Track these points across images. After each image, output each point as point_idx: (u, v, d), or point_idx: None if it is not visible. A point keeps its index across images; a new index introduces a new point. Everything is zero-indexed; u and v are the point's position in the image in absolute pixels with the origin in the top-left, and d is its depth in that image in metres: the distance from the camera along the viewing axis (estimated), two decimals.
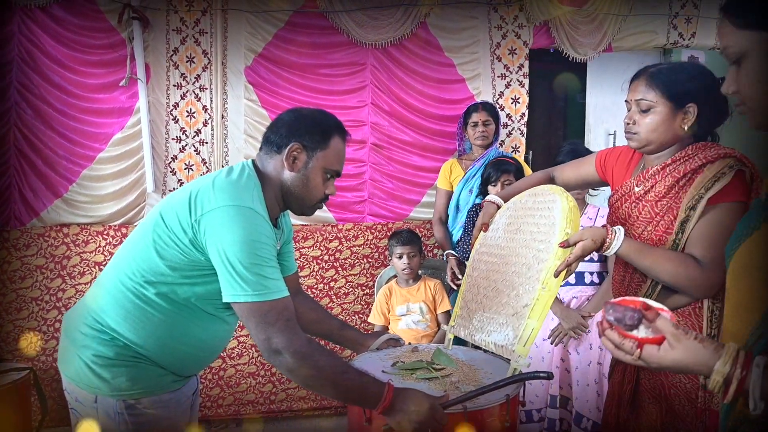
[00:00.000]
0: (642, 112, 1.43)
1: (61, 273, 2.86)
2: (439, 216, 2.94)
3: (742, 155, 1.39)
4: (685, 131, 1.42)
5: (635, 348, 0.93)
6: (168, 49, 2.87)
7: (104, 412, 1.33)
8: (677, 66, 1.47)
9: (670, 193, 1.43)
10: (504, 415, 1.34)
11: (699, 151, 1.41)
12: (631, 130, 1.47)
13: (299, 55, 2.97)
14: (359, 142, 3.10)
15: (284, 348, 1.24)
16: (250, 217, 1.28)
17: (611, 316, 0.95)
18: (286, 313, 1.27)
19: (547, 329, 2.37)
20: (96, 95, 2.80)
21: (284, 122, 1.45)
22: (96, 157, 2.82)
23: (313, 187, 1.43)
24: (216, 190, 1.31)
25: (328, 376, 1.26)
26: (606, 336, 0.97)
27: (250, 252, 1.25)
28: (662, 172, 1.45)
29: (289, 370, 1.26)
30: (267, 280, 1.26)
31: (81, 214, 2.84)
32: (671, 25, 3.26)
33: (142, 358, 1.35)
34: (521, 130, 3.22)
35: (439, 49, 3.09)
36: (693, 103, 1.40)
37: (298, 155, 1.40)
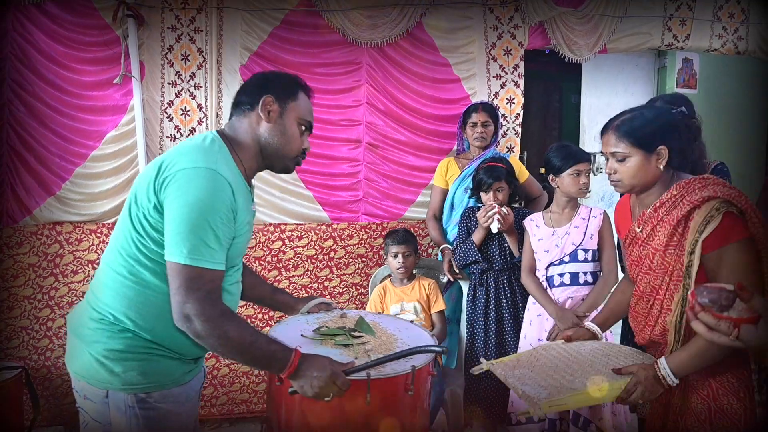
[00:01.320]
0: (619, 162, 1.54)
1: (54, 271, 2.84)
2: (434, 213, 2.95)
3: (726, 192, 1.41)
4: (662, 170, 1.52)
5: (732, 328, 0.92)
6: (163, 47, 2.86)
7: (115, 407, 1.35)
8: (639, 113, 1.55)
9: (672, 242, 1.50)
10: (408, 384, 1.39)
11: (685, 193, 1.48)
12: (613, 179, 1.58)
13: (295, 54, 2.97)
14: (354, 141, 3.10)
15: (195, 315, 1.27)
16: (210, 178, 1.30)
17: (705, 298, 0.95)
18: (210, 285, 1.30)
19: (543, 330, 2.37)
20: (90, 93, 2.79)
21: (252, 83, 1.52)
22: (89, 154, 2.80)
23: (291, 136, 1.48)
24: (178, 155, 1.35)
25: (235, 346, 1.30)
26: (699, 319, 0.97)
27: (199, 215, 1.27)
28: (656, 214, 1.53)
29: (197, 336, 1.29)
30: (206, 247, 1.28)
31: (74, 212, 2.82)
32: (666, 26, 3.28)
33: (152, 348, 1.36)
34: (516, 130, 3.23)
35: (434, 49, 3.09)
36: (662, 144, 1.50)
37: (272, 106, 1.46)
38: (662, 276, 1.52)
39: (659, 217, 1.51)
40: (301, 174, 3.05)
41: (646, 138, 1.50)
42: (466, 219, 2.72)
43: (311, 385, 1.33)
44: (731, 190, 1.42)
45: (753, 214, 1.39)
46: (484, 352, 2.59)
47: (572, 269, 2.35)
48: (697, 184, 1.48)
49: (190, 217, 1.26)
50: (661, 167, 1.51)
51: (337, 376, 1.33)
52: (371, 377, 1.35)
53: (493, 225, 2.49)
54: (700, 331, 0.97)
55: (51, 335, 2.86)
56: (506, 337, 2.60)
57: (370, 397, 1.34)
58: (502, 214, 2.47)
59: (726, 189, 1.43)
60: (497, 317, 2.59)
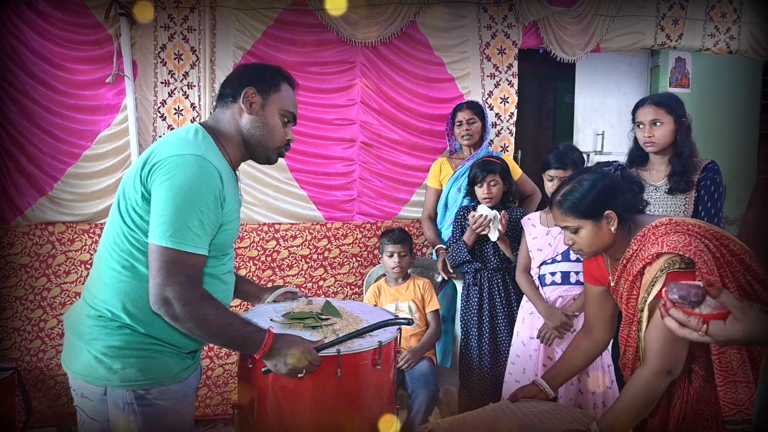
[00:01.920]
0: (573, 233, 1.59)
1: (46, 272, 2.82)
2: (429, 214, 2.95)
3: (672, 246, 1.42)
4: (614, 231, 1.55)
5: (702, 324, 0.96)
6: (156, 46, 2.84)
7: (113, 404, 1.35)
8: (577, 185, 1.59)
9: (632, 295, 1.56)
10: (376, 359, 1.47)
11: (642, 246, 1.51)
12: (574, 249, 1.63)
13: (288, 53, 2.96)
14: (348, 140, 3.09)
15: (175, 299, 1.28)
16: (196, 164, 1.31)
17: (675, 295, 0.97)
18: (191, 270, 1.30)
19: (534, 328, 2.38)
20: (82, 92, 2.77)
21: (235, 75, 1.53)
22: (82, 154, 2.79)
23: (273, 128, 1.50)
24: (164, 145, 1.37)
25: (213, 328, 1.32)
26: (670, 315, 1.00)
27: (184, 199, 1.28)
28: (624, 269, 1.57)
29: (174, 319, 1.30)
30: (189, 231, 1.28)
31: (66, 212, 2.80)
32: (658, 26, 3.29)
33: (151, 344, 1.36)
34: (510, 129, 3.23)
35: (428, 48, 3.09)
36: (607, 209, 1.54)
37: (254, 98, 1.47)
38: (628, 326, 1.59)
39: (626, 271, 1.56)
40: (295, 173, 3.04)
41: (590, 208, 1.54)
42: (460, 218, 2.72)
43: (284, 362, 1.36)
44: (682, 239, 1.41)
45: (702, 264, 1.37)
46: (479, 351, 2.59)
47: (564, 268, 2.35)
48: (651, 236, 1.50)
49: (175, 201, 1.27)
50: (613, 229, 1.55)
51: (308, 352, 1.38)
52: (341, 353, 1.41)
53: (491, 234, 2.48)
54: (672, 328, 1.00)
55: (43, 336, 2.84)
56: (500, 336, 2.60)
57: (340, 372, 1.41)
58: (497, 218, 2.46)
59: (677, 239, 1.42)
60: (491, 316, 2.59)
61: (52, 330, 2.84)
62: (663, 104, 2.23)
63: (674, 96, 2.30)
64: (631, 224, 1.59)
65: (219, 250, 1.42)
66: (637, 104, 2.36)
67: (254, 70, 1.53)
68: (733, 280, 1.37)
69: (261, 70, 1.53)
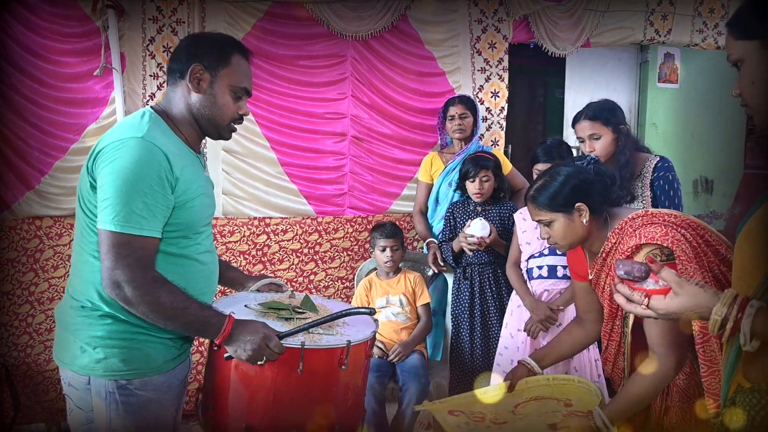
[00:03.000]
0: (547, 226, 1.61)
1: (34, 266, 2.80)
2: (420, 208, 2.96)
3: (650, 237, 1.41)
4: (586, 224, 1.56)
5: (644, 298, 1.04)
6: (144, 39, 2.82)
7: (96, 393, 1.35)
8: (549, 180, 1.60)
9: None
10: (342, 359, 1.40)
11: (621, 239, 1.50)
12: (550, 242, 1.65)
13: (279, 46, 2.94)
14: (339, 134, 3.09)
15: (125, 282, 1.26)
16: (138, 146, 1.29)
17: (621, 270, 1.06)
18: (140, 252, 1.28)
19: (522, 320, 2.39)
20: (69, 85, 2.74)
21: (183, 48, 1.45)
22: (69, 148, 2.76)
23: (222, 106, 1.44)
24: (108, 134, 1.35)
25: (167, 311, 1.30)
26: (617, 290, 1.08)
27: (125, 182, 1.26)
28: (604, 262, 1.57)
29: (127, 303, 1.28)
30: (133, 214, 1.27)
31: (54, 207, 2.77)
32: (648, 21, 3.31)
33: (135, 332, 1.36)
34: (501, 124, 3.24)
35: (419, 42, 3.09)
36: (578, 202, 1.55)
37: (201, 75, 1.41)
38: (611, 321, 1.60)
39: (605, 265, 1.56)
40: (286, 167, 3.03)
41: (561, 202, 1.56)
42: (450, 215, 2.73)
43: (244, 348, 1.34)
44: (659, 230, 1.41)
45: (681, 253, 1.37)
46: (470, 344, 2.61)
47: (550, 262, 2.37)
48: (628, 228, 1.50)
49: (116, 185, 1.26)
50: (585, 221, 1.56)
51: (269, 339, 1.34)
52: (305, 347, 1.37)
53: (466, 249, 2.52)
54: (620, 303, 1.09)
55: (31, 332, 2.81)
56: (491, 330, 2.61)
57: (303, 366, 1.36)
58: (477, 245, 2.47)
59: (654, 230, 1.42)
60: (482, 309, 2.61)
61: (40, 325, 2.82)
62: (597, 117, 2.20)
63: (609, 104, 2.25)
64: (607, 216, 1.60)
65: (189, 229, 1.40)
66: (574, 119, 2.32)
67: (201, 43, 1.44)
68: (708, 270, 1.38)
69: (209, 43, 1.44)
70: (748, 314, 0.93)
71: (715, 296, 0.98)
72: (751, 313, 0.92)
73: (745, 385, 1.02)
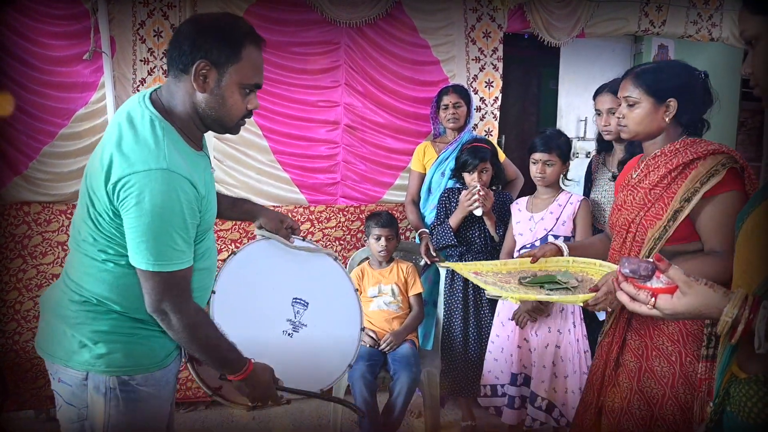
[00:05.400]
0: (629, 107, 1.61)
1: (22, 253, 2.76)
2: (412, 197, 2.95)
3: (731, 150, 1.51)
4: (667, 122, 1.58)
5: (650, 297, 1.00)
6: (134, 23, 2.76)
7: (95, 389, 1.31)
8: (659, 65, 1.65)
9: (662, 183, 1.56)
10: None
11: (689, 146, 1.55)
12: (621, 123, 1.66)
13: (272, 32, 2.90)
14: (332, 123, 3.06)
15: (172, 312, 1.29)
16: (166, 180, 1.20)
17: (626, 269, 1.02)
18: (183, 282, 1.30)
19: (511, 309, 2.40)
20: (58, 68, 2.68)
21: (186, 35, 1.26)
22: (58, 133, 2.71)
23: (232, 105, 1.31)
24: (125, 154, 1.21)
25: (201, 345, 1.35)
26: (621, 289, 1.04)
27: (159, 222, 1.21)
28: (655, 161, 1.59)
29: (169, 328, 1.32)
30: (173, 251, 1.25)
31: (42, 192, 2.73)
32: (642, 12, 3.30)
33: (139, 327, 1.34)
34: (494, 114, 3.23)
35: (414, 30, 3.06)
36: (673, 98, 1.56)
37: (208, 73, 1.26)
38: (638, 211, 1.60)
39: (657, 164, 1.59)
40: (278, 156, 3.01)
41: (659, 88, 1.56)
42: (445, 200, 2.72)
43: (251, 393, 1.44)
44: (734, 150, 1.52)
45: (751, 172, 1.49)
46: (463, 334, 2.61)
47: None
48: (703, 142, 1.56)
49: (150, 226, 1.20)
50: (667, 119, 1.57)
51: (273, 396, 1.48)
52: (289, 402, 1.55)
53: (477, 210, 2.49)
54: (623, 301, 1.05)
55: (19, 318, 2.78)
56: (483, 319, 2.62)
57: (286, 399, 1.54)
58: (483, 194, 2.47)
59: (730, 148, 1.52)
60: (475, 299, 2.61)
61: (28, 312, 2.78)
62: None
63: None
64: (683, 132, 1.61)
65: (201, 234, 1.39)
66: (596, 92, 2.42)
67: (208, 33, 1.25)
68: None
69: (216, 33, 1.25)
70: (762, 316, 0.89)
71: (725, 297, 0.94)
72: (764, 315, 0.89)
73: (740, 375, 1.01)
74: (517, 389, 2.37)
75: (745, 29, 1.00)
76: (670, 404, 1.51)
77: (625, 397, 1.59)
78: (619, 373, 1.62)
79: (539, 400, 2.31)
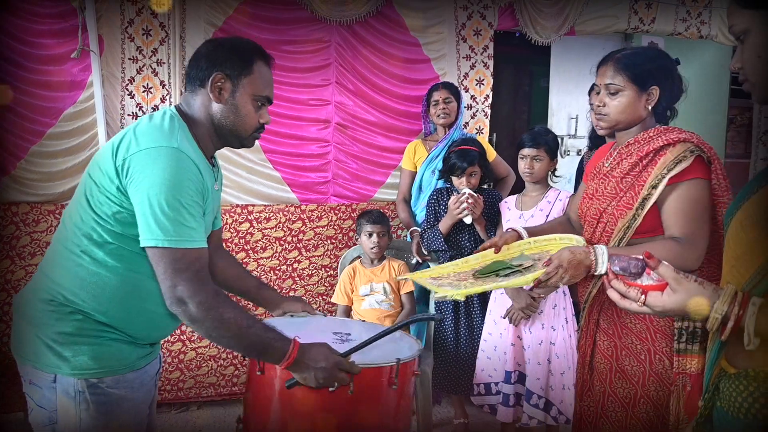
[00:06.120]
0: (611, 95, 1.54)
1: (10, 253, 2.73)
2: (403, 196, 2.95)
3: (700, 140, 1.49)
4: (649, 111, 1.54)
5: (640, 295, 1.00)
6: (122, 21, 2.74)
7: (64, 392, 1.28)
8: (640, 51, 1.60)
9: (633, 171, 1.53)
10: (392, 377, 1.36)
11: (661, 134, 1.51)
12: (601, 111, 1.57)
13: (262, 30, 2.89)
14: (323, 121, 3.05)
15: (189, 297, 1.23)
16: (175, 157, 1.24)
17: (616, 266, 1.02)
18: (197, 263, 1.26)
19: (504, 307, 2.41)
20: (45, 67, 2.66)
21: (203, 54, 1.39)
22: (46, 132, 2.68)
23: (245, 116, 1.39)
24: (138, 135, 1.28)
25: (231, 329, 1.26)
26: (612, 287, 1.04)
27: (171, 196, 1.22)
28: (627, 149, 1.56)
29: (192, 320, 1.25)
30: (183, 227, 1.23)
31: (31, 192, 2.71)
32: (632, 10, 3.32)
33: (106, 330, 1.31)
34: (485, 111, 3.23)
35: (404, 28, 3.06)
36: (655, 85, 1.52)
37: (223, 85, 1.36)
38: (609, 200, 1.57)
39: (629, 152, 1.55)
40: (269, 154, 3.00)
41: (643, 75, 1.51)
42: (434, 201, 2.72)
43: (315, 376, 1.29)
44: (703, 140, 1.49)
45: (718, 165, 1.47)
46: (455, 333, 2.62)
47: None
48: (675, 130, 1.53)
49: (159, 199, 1.20)
50: (649, 108, 1.53)
51: (340, 363, 1.30)
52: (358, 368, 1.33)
53: (466, 218, 2.48)
54: (614, 299, 1.04)
55: (8, 320, 2.76)
56: (475, 317, 2.63)
57: (353, 387, 1.31)
58: (471, 202, 2.46)
59: (699, 138, 1.50)
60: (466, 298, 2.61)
61: None
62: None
63: None
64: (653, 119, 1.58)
65: None
66: (591, 87, 2.42)
67: (223, 50, 1.38)
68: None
69: (230, 49, 1.38)
70: (751, 312, 0.89)
71: (715, 293, 0.94)
72: (754, 312, 0.89)
73: (730, 370, 1.01)
74: (512, 387, 2.38)
75: (734, 24, 0.99)
76: (642, 403, 1.50)
77: (599, 401, 1.58)
78: (593, 377, 1.61)
79: (535, 398, 2.31)
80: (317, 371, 1.28)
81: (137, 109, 2.82)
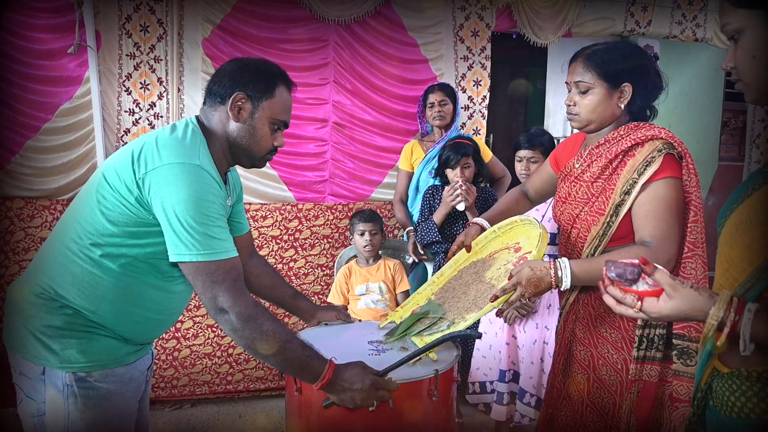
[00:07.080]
0: (581, 93, 1.48)
1: (4, 248, 2.72)
2: (400, 196, 2.96)
3: (669, 135, 1.43)
4: (622, 109, 1.47)
5: (636, 301, 0.99)
6: (120, 17, 2.74)
7: (52, 385, 1.29)
8: (611, 46, 1.49)
9: (603, 175, 1.49)
10: (432, 389, 1.35)
11: (630, 132, 1.46)
12: (572, 111, 1.51)
13: (260, 29, 2.89)
14: (321, 120, 3.05)
15: (230, 307, 1.25)
16: (197, 174, 1.26)
17: (612, 273, 1.01)
18: (233, 273, 1.27)
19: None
20: (42, 62, 2.65)
21: (227, 72, 1.41)
22: (41, 127, 2.68)
23: (261, 138, 1.41)
24: (160, 148, 1.28)
25: (271, 342, 1.26)
26: (608, 293, 1.03)
27: (197, 211, 1.23)
28: (597, 150, 1.51)
29: (233, 329, 1.26)
30: (213, 239, 1.25)
31: (26, 188, 2.70)
32: (628, 12, 3.34)
33: (95, 326, 1.31)
34: (482, 112, 3.24)
35: (402, 28, 3.06)
36: (628, 82, 1.45)
37: (243, 105, 1.38)
38: (582, 205, 1.52)
39: (600, 154, 1.49)
40: None
41: (614, 72, 1.44)
42: (429, 197, 2.73)
43: (352, 397, 1.28)
44: (673, 135, 1.43)
45: (689, 160, 1.40)
46: None
47: None
48: (642, 127, 1.46)
49: (185, 215, 1.22)
50: (622, 106, 1.46)
51: (377, 382, 1.29)
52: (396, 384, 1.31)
53: (459, 204, 2.50)
54: (610, 305, 1.03)
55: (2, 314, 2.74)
56: None
57: (392, 403, 1.29)
58: (465, 188, 2.48)
59: (669, 133, 1.43)
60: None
61: None
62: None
63: None
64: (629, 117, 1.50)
65: None
66: None
67: (247, 70, 1.40)
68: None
69: (254, 71, 1.40)
70: (747, 318, 0.89)
71: (710, 299, 0.93)
72: (750, 318, 0.88)
73: (723, 370, 1.01)
74: (507, 385, 2.39)
75: (727, 23, 0.97)
76: (621, 412, 1.48)
77: (577, 411, 1.56)
78: (569, 385, 1.59)
79: (528, 396, 2.32)
80: (354, 393, 1.28)
81: (134, 106, 2.81)
